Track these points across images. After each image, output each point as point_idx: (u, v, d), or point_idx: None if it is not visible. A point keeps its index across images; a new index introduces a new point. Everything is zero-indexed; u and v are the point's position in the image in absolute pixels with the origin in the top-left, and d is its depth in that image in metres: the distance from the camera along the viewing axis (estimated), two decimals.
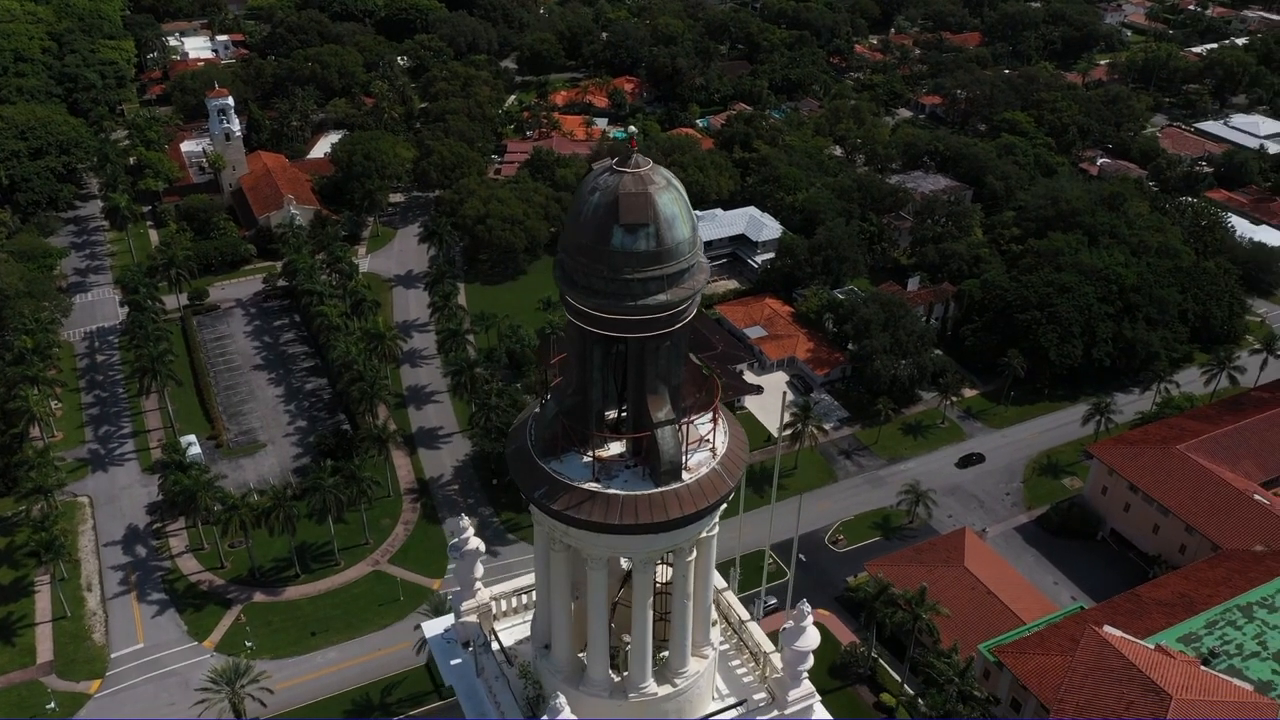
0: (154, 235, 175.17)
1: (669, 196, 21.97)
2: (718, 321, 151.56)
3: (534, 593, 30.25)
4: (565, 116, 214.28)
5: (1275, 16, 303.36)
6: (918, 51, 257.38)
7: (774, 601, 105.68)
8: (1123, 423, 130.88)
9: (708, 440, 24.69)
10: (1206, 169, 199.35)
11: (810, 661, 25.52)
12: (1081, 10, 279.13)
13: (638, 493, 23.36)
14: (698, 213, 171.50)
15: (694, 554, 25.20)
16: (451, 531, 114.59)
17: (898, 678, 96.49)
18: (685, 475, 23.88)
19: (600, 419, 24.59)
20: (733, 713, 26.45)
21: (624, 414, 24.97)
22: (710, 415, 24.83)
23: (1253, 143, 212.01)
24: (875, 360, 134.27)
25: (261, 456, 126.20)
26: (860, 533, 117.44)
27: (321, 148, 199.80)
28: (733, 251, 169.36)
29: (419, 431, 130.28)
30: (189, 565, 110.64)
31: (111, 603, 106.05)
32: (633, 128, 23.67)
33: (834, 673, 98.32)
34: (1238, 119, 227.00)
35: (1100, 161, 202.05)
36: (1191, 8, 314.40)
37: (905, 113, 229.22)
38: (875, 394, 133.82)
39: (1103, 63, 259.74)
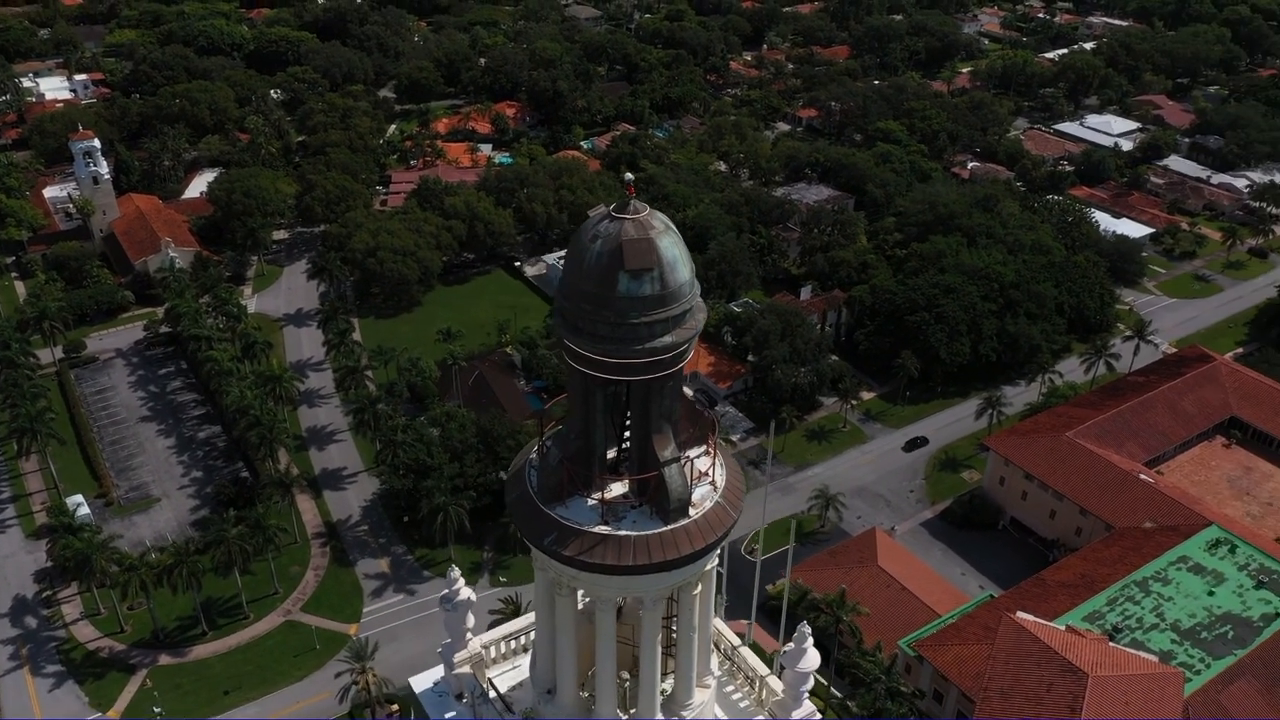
0: (20, 287, 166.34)
1: (669, 240, 22.28)
2: None
3: (524, 638, 29.83)
4: (449, 144, 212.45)
5: (1117, 21, 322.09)
6: (791, 66, 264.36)
7: None
8: (1013, 415, 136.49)
9: (707, 475, 24.95)
10: (1068, 168, 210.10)
11: (811, 682, 25.90)
12: (941, 21, 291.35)
13: (648, 532, 23.41)
14: None
15: (699, 587, 25.39)
16: (365, 574, 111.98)
17: (824, 681, 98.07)
18: (691, 511, 24.02)
19: (603, 461, 24.56)
20: None
21: (623, 454, 24.97)
22: (709, 450, 25.15)
23: (1108, 141, 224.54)
24: (776, 370, 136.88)
25: (156, 512, 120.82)
26: (774, 541, 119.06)
27: (197, 187, 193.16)
28: None
29: (323, 473, 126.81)
30: (85, 632, 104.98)
31: (3, 680, 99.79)
32: (629, 175, 23.81)
33: None
34: (1092, 119, 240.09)
35: (971, 165, 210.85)
36: (1041, 15, 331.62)
37: (784, 126, 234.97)
38: (777, 402, 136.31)
39: (965, 70, 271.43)
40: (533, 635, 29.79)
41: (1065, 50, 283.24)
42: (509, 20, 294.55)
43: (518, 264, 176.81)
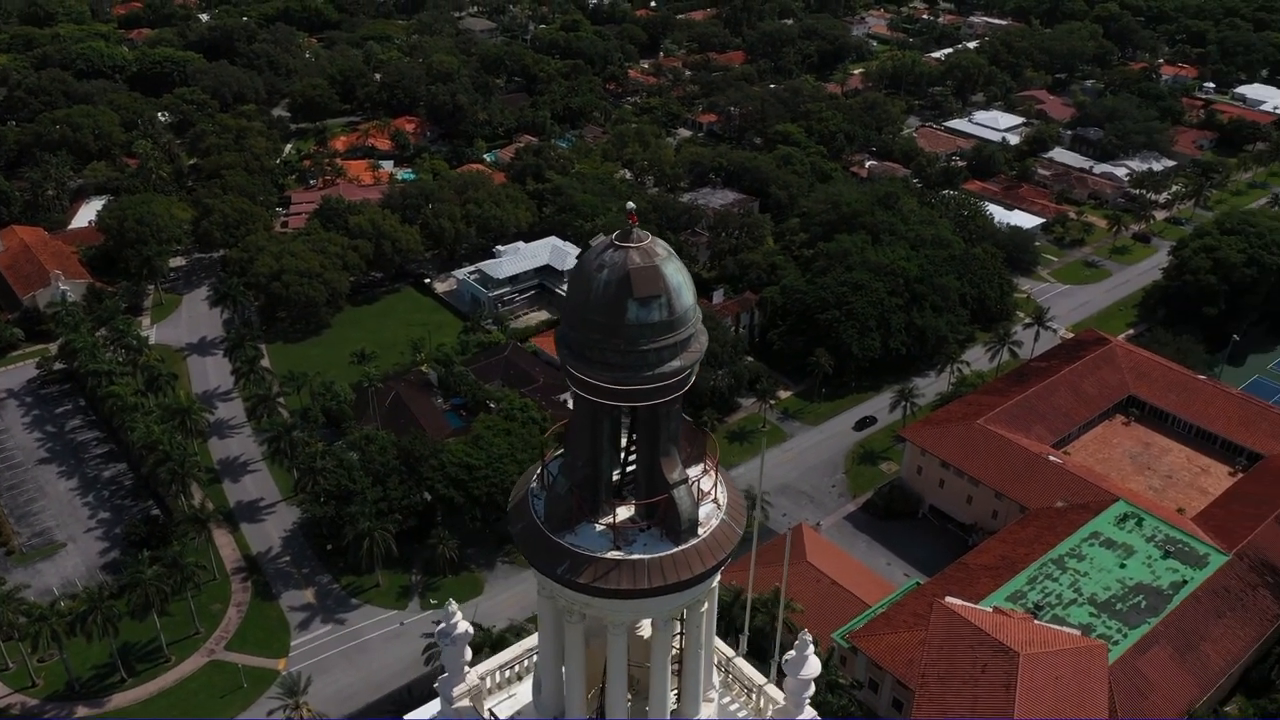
0: None
1: (674, 266, 22.54)
2: (534, 354, 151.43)
3: (519, 666, 29.50)
4: (349, 162, 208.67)
5: (997, 21, 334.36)
6: (688, 73, 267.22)
7: None
8: (925, 405, 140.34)
9: (709, 493, 25.20)
10: (960, 163, 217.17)
11: (813, 689, 26.24)
12: (831, 25, 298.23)
13: (661, 554, 23.49)
14: (499, 248, 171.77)
15: (705, 604, 25.62)
16: (290, 606, 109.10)
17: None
18: (700, 530, 24.16)
19: (609, 487, 24.52)
20: None
21: (625, 478, 24.97)
22: (711, 469, 25.39)
23: (996, 136, 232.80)
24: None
25: (63, 557, 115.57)
26: None
27: (85, 216, 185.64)
28: (539, 283, 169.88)
29: (238, 506, 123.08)
30: None
31: None
32: (630, 204, 23.85)
33: None
34: (980, 115, 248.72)
35: (869, 164, 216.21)
36: (925, 17, 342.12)
37: (685, 132, 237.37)
38: (698, 406, 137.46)
39: (856, 72, 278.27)
40: (527, 662, 29.54)
41: (950, 50, 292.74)
42: (403, 34, 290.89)
43: (428, 281, 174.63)
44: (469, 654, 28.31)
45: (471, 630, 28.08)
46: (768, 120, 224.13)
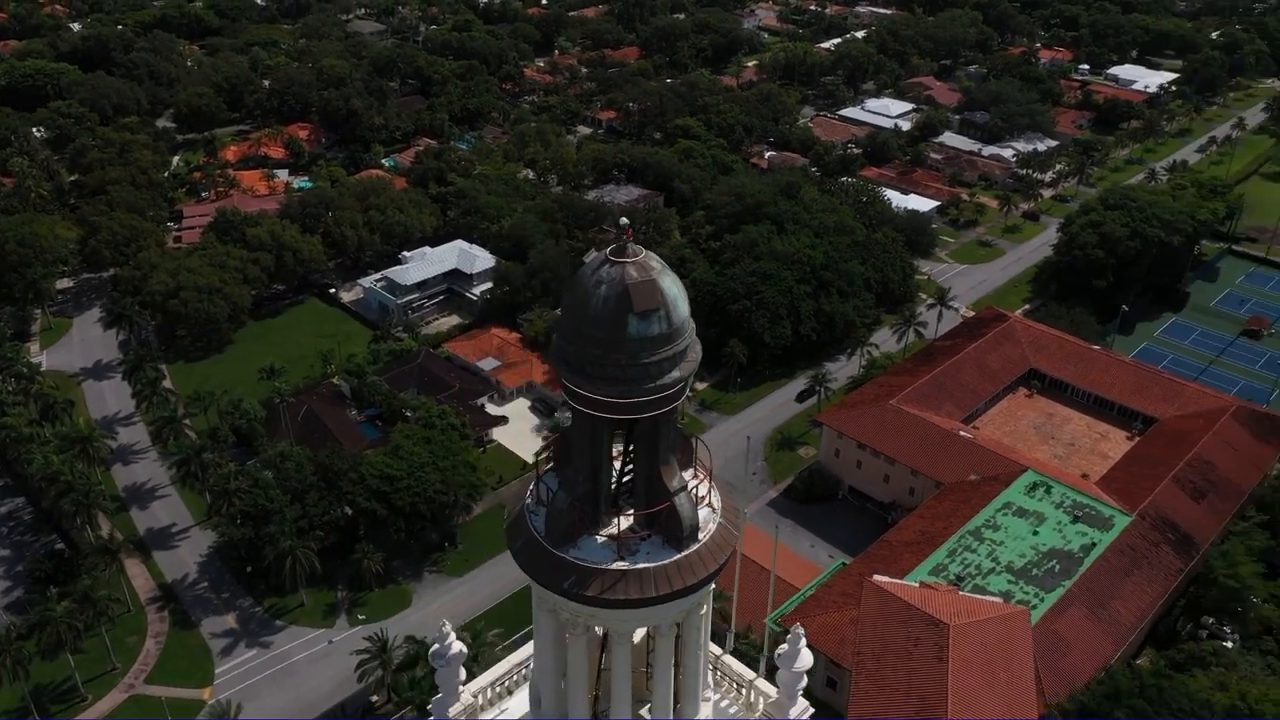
0: None
1: (670, 279, 22.77)
2: (448, 360, 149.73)
3: (508, 681, 29.26)
4: (241, 172, 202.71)
5: (883, 10, 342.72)
6: (585, 70, 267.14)
7: None
8: (838, 389, 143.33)
9: (704, 498, 25.46)
10: (856, 150, 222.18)
11: (805, 681, 26.69)
12: (722, 19, 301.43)
13: (665, 562, 23.70)
14: (405, 253, 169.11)
15: (704, 607, 25.88)
16: (211, 633, 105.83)
17: None
18: (700, 535, 24.39)
19: (609, 499, 24.52)
20: None
21: (621, 488, 25.00)
22: (704, 474, 25.61)
23: (888, 123, 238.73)
24: None
25: None
26: None
27: None
28: (448, 287, 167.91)
29: (149, 533, 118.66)
30: None
31: None
32: (624, 220, 23.96)
33: None
34: (871, 103, 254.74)
35: (768, 155, 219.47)
36: (813, 8, 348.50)
37: (585, 129, 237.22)
38: None
39: (750, 64, 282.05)
40: (517, 676, 29.37)
41: (839, 40, 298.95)
42: (289, 39, 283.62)
43: (333, 291, 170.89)
44: (463, 674, 28.09)
45: (466, 650, 27.85)
46: (667, 115, 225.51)
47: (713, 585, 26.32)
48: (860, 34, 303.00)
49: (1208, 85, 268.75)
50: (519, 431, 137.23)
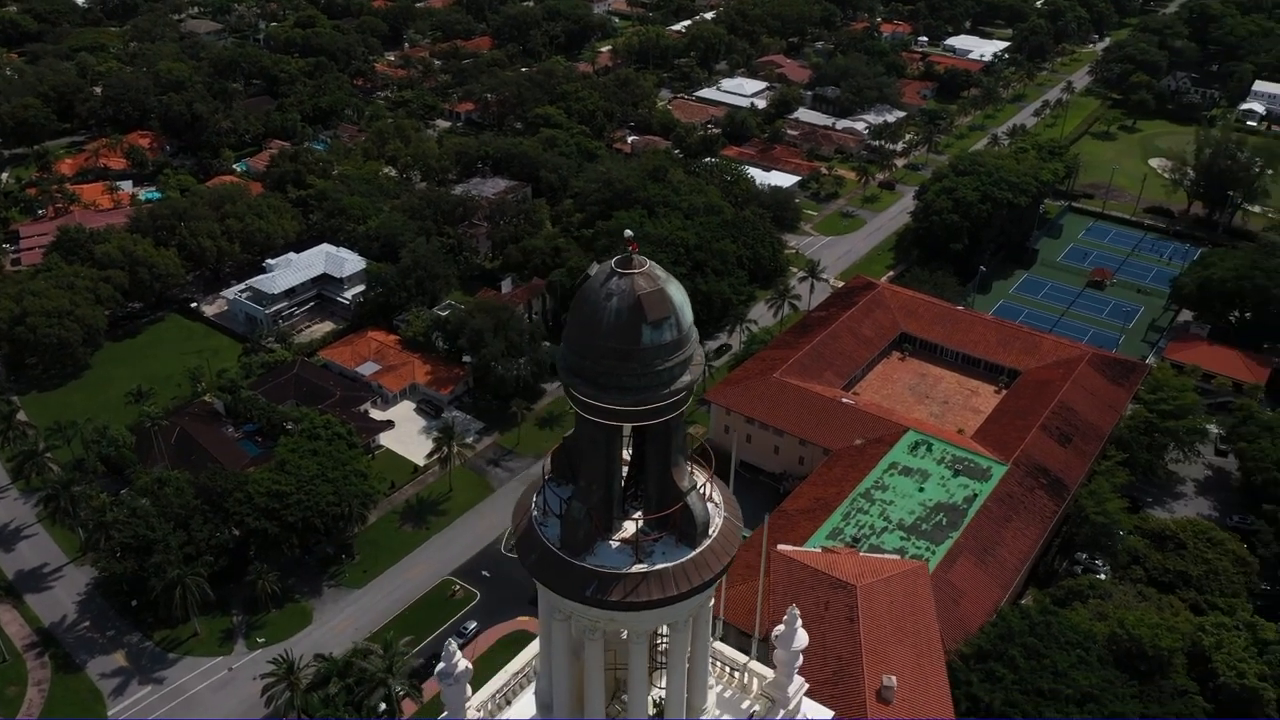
0: None
1: (675, 286, 23.08)
2: (325, 367, 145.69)
3: (508, 691, 29.01)
4: (81, 186, 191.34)
5: None
6: (438, 63, 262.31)
7: (475, 625, 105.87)
8: (721, 365, 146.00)
9: (708, 494, 25.85)
10: (716, 131, 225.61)
11: (801, 659, 27.37)
12: (573, 5, 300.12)
13: (681, 560, 24.00)
14: (269, 261, 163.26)
15: (712, 600, 26.32)
16: (100, 674, 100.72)
17: None
18: (710, 531, 24.76)
19: (621, 504, 24.55)
20: None
21: (628, 491, 25.05)
22: (706, 474, 25.94)
23: (744, 102, 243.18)
24: (495, 366, 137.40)
25: None
26: None
27: None
28: (318, 293, 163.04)
29: (19, 576, 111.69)
30: None
31: None
32: (628, 231, 23.94)
33: None
34: (726, 83, 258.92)
35: (631, 139, 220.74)
36: None
37: (444, 123, 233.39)
38: (506, 397, 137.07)
39: (604, 50, 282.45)
40: (514, 685, 29.14)
41: (689, 21, 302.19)
42: (119, 43, 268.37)
43: (194, 305, 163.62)
44: (469, 691, 27.78)
45: (470, 667, 27.54)
46: (526, 104, 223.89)
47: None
48: (710, 15, 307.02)
49: (1037, 52, 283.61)
50: (406, 435, 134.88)
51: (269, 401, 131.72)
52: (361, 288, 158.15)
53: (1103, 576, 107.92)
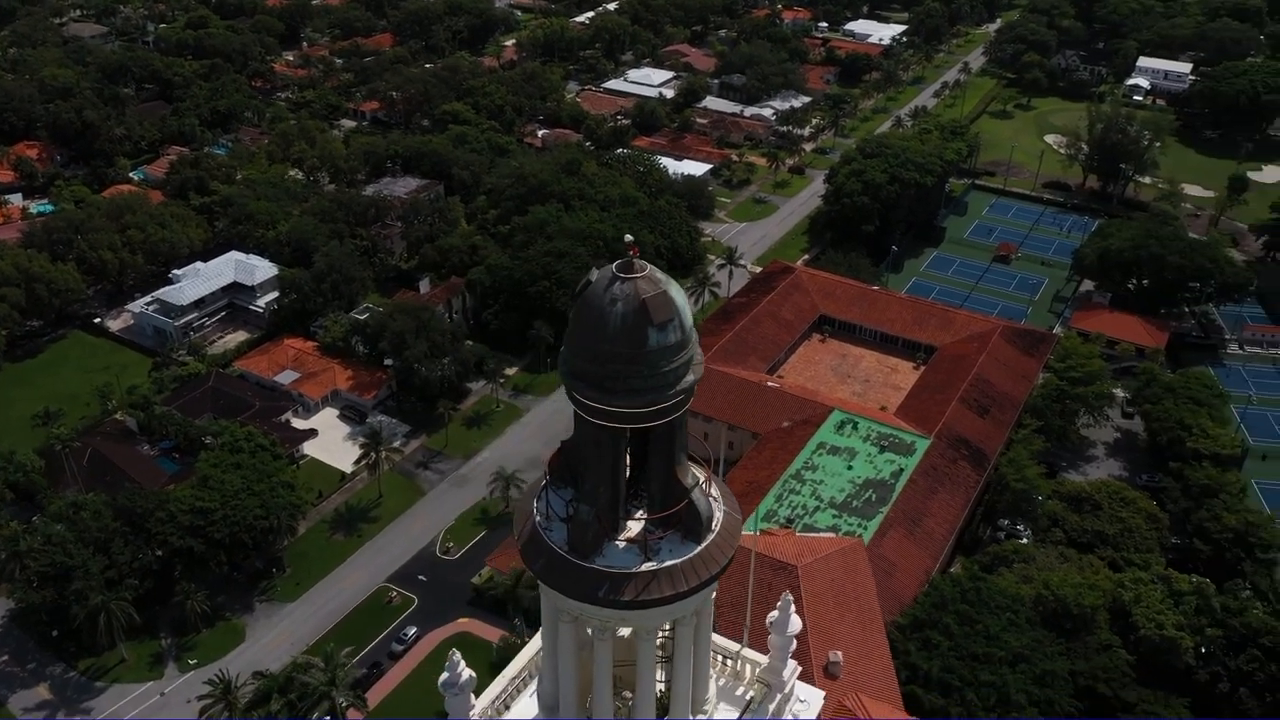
0: None
1: (674, 288, 23.37)
2: (242, 378, 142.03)
3: (508, 695, 28.82)
4: None
5: None
6: (339, 61, 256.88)
7: (414, 630, 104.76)
8: None
9: (707, 490, 26.05)
10: (625, 122, 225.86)
11: (794, 644, 27.82)
12: None
13: (688, 556, 24.20)
14: (176, 272, 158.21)
15: (713, 594, 26.54)
16: (22, 709, 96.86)
17: None
18: (713, 525, 24.93)
19: (625, 504, 24.52)
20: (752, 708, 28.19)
21: (629, 491, 25.03)
22: (704, 471, 26.11)
23: (652, 92, 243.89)
24: (418, 368, 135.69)
25: None
26: (467, 534, 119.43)
27: None
28: (229, 302, 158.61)
29: None
30: None
31: None
32: (629, 236, 23.89)
33: (496, 669, 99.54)
34: (633, 74, 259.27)
35: (541, 133, 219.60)
36: None
37: (350, 123, 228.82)
38: (431, 398, 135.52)
39: (509, 43, 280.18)
40: (512, 689, 28.97)
41: (592, 12, 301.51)
42: None
43: (98, 320, 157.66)
44: (473, 700, 27.61)
45: (474, 676, 27.37)
46: (433, 101, 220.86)
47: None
48: (612, 5, 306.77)
49: (933, 34, 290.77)
50: (331, 442, 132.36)
51: (185, 416, 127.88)
52: (275, 295, 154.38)
53: (1025, 541, 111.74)
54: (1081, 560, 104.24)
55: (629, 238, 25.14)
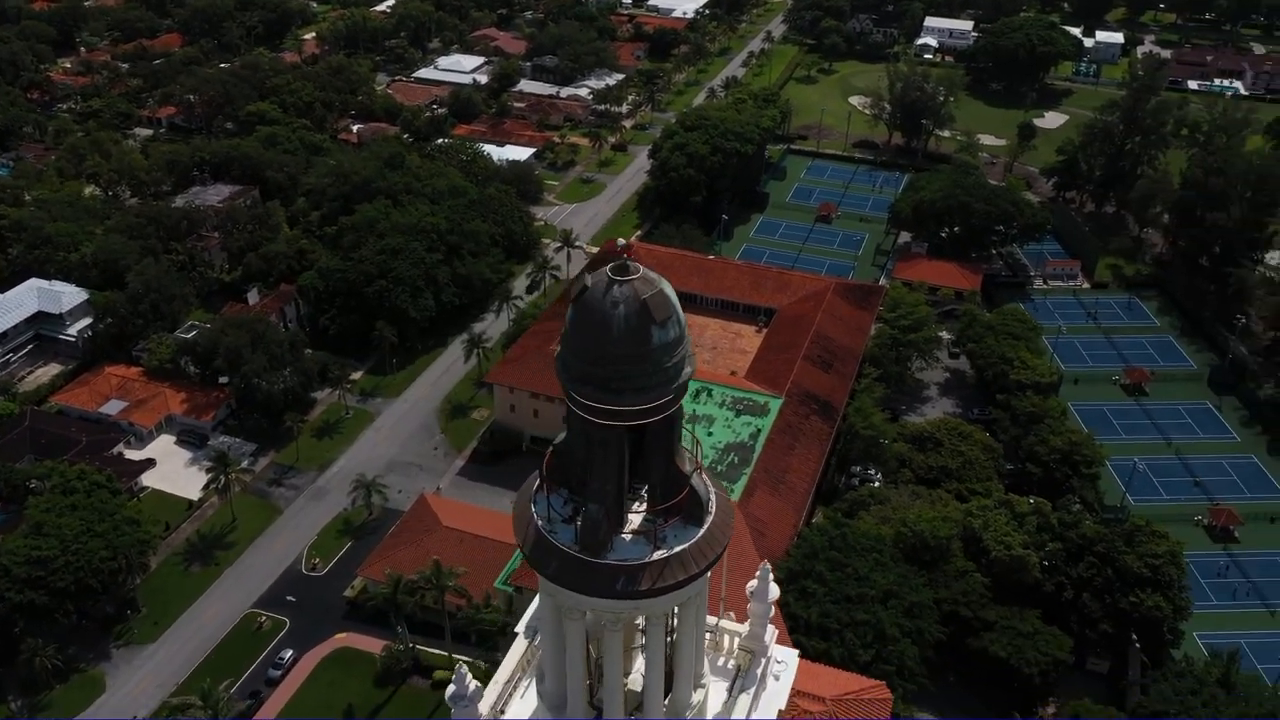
0: None
1: (666, 284, 23.47)
2: (61, 414, 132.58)
3: (505, 698, 28.40)
4: None
5: None
6: (125, 66, 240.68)
7: (291, 653, 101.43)
8: (494, 346, 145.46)
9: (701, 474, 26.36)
10: (442, 111, 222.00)
11: (774, 611, 28.56)
12: None
13: (693, 540, 24.51)
14: None
15: (711, 573, 27.03)
16: None
17: (444, 653, 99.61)
18: (710, 508, 25.28)
19: (628, 497, 24.46)
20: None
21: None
22: (693, 458, 26.29)
23: (466, 79, 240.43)
24: (259, 382, 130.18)
25: None
26: (332, 547, 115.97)
27: None
28: (36, 333, 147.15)
29: None
30: None
31: None
32: (621, 240, 23.69)
33: (382, 681, 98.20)
34: (443, 61, 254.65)
35: (356, 128, 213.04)
36: None
37: (145, 131, 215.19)
38: (277, 413, 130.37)
39: (309, 37, 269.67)
40: (507, 694, 28.58)
41: (394, 0, 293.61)
42: None
43: None
44: (480, 711, 27.26)
45: (482, 688, 26.96)
46: (235, 102, 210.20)
47: None
48: None
49: (735, 6, 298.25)
50: (172, 470, 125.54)
51: (2, 462, 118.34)
52: (88, 321, 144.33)
53: (878, 484, 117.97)
54: (931, 495, 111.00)
55: (621, 241, 25.63)
